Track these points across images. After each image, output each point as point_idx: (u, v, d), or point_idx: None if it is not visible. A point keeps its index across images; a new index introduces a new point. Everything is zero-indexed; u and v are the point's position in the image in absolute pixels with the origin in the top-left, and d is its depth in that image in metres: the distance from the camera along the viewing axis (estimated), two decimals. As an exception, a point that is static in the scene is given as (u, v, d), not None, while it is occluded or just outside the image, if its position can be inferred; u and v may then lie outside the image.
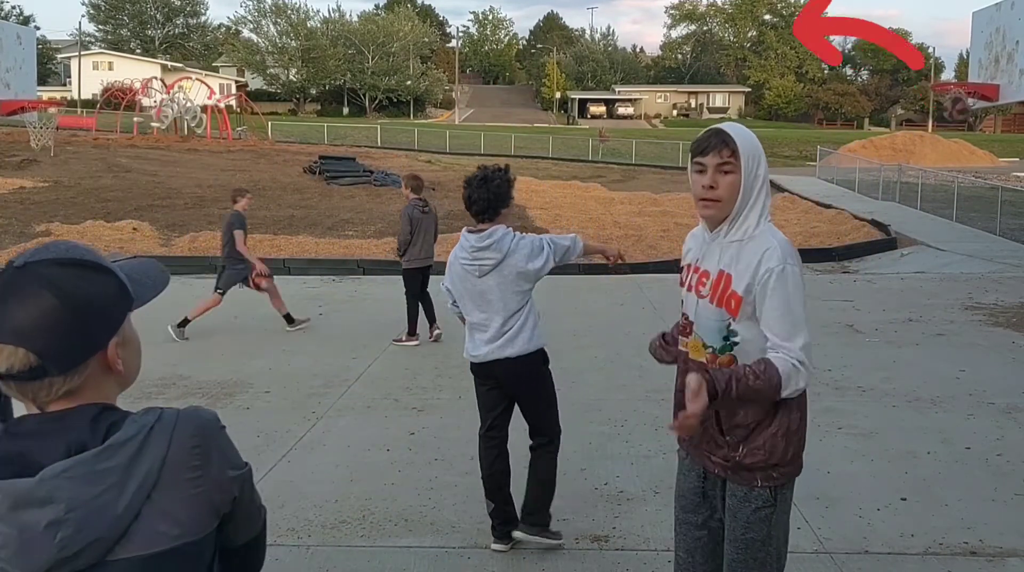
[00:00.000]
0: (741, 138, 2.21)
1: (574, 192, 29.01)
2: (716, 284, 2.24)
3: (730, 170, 2.19)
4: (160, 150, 36.17)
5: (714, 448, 2.30)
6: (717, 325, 2.23)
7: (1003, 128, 71.83)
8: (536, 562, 3.76)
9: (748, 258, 2.19)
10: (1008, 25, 13.58)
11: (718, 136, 2.21)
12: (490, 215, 3.76)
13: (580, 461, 4.93)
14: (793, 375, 2.12)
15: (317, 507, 4.34)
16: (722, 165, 2.19)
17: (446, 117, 77.67)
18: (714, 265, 2.25)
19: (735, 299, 2.19)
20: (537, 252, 3.78)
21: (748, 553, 2.27)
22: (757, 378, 2.09)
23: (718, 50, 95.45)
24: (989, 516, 4.19)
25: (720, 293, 2.22)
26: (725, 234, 2.24)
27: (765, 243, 2.18)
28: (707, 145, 2.21)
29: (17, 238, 16.69)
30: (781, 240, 2.20)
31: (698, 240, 2.38)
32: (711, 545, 2.41)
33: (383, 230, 19.77)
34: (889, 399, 6.26)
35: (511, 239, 3.76)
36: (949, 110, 14.67)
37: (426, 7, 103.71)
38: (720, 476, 2.32)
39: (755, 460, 2.24)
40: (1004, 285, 11.70)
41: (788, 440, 2.25)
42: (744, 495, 2.27)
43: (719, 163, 2.19)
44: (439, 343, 8.28)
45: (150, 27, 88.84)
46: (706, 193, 2.21)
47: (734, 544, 2.29)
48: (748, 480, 2.26)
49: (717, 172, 2.19)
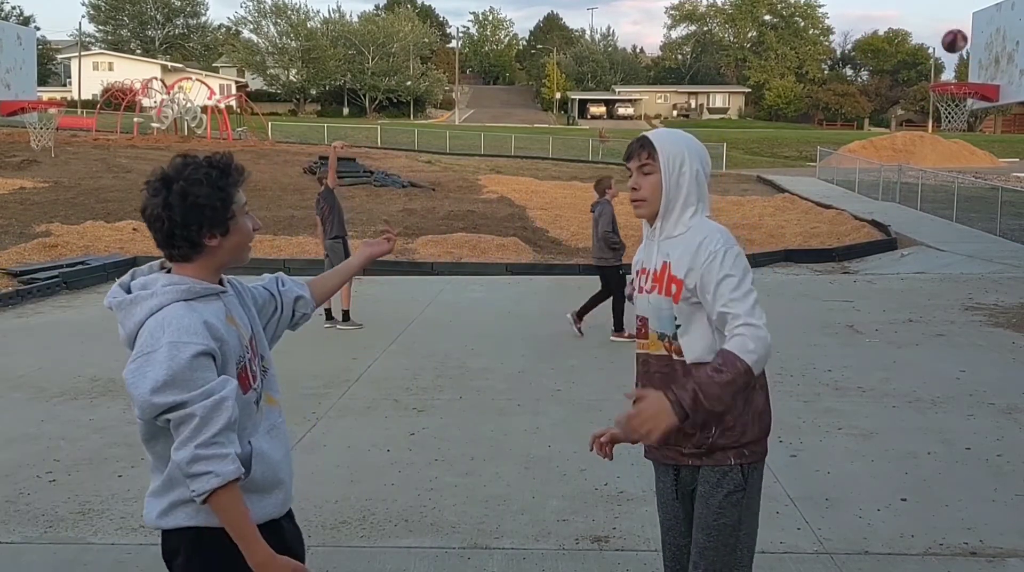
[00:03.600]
0: (661, 141, 2.37)
1: (574, 193, 29.00)
2: (659, 276, 2.36)
3: (650, 171, 2.36)
4: (160, 150, 36.15)
5: (683, 440, 2.33)
6: (667, 313, 2.33)
7: (1003, 128, 71.81)
8: (536, 562, 3.76)
9: (686, 246, 2.30)
10: (1008, 25, 13.58)
11: (638, 142, 2.40)
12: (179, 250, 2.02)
13: (580, 461, 4.93)
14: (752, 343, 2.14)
15: (317, 507, 4.34)
16: (642, 166, 2.37)
17: (446, 118, 77.68)
18: (656, 261, 2.38)
19: (675, 283, 2.30)
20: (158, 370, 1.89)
21: (719, 539, 2.31)
22: (720, 371, 2.12)
23: (718, 50, 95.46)
24: (989, 516, 4.19)
25: (664, 282, 2.34)
26: (660, 231, 2.38)
27: (702, 232, 2.30)
28: (630, 151, 2.40)
29: (17, 238, 16.68)
30: (718, 228, 2.32)
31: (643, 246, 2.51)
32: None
33: (383, 230, 19.77)
34: (889, 399, 6.26)
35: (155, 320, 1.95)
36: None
37: (426, 7, 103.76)
38: (695, 465, 2.36)
39: (728, 440, 2.30)
40: (1004, 285, 11.70)
41: (755, 420, 2.33)
42: (717, 480, 2.31)
43: (639, 166, 2.38)
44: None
45: (150, 27, 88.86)
46: (632, 194, 2.40)
47: (704, 530, 2.33)
48: (721, 460, 2.32)
49: (639, 174, 2.38)
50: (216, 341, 1.96)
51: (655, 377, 2.37)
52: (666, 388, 2.25)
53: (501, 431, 5.61)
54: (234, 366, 2.02)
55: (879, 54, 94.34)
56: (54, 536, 4.08)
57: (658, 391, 2.16)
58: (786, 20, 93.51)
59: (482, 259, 16.52)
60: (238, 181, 2.06)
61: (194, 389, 1.88)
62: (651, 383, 2.36)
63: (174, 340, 1.90)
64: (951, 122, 15.10)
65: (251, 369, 2.08)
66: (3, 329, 9.47)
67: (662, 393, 2.14)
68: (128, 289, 2.04)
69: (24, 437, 5.57)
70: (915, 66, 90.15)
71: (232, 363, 2.01)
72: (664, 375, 2.34)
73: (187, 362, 1.89)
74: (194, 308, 1.97)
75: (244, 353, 2.07)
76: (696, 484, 2.37)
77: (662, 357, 2.36)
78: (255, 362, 2.12)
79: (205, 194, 1.98)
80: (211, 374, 1.93)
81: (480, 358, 7.71)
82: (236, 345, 2.04)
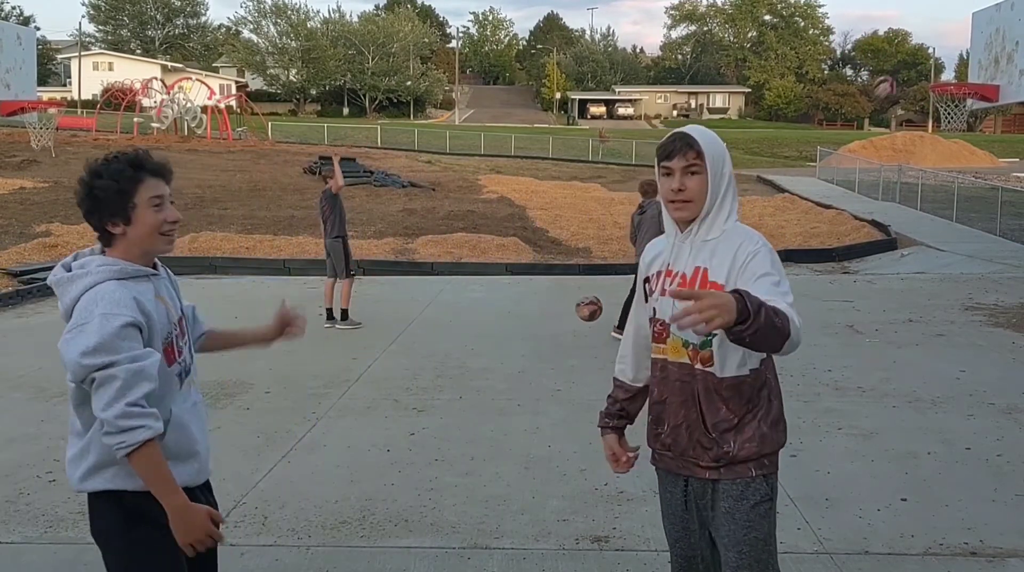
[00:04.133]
0: (705, 140, 2.26)
1: (574, 193, 29.03)
2: (692, 281, 2.24)
3: (697, 171, 2.24)
4: (160, 151, 36.10)
5: (701, 452, 2.25)
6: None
7: (1003, 128, 71.82)
8: (536, 562, 3.76)
9: (724, 252, 2.22)
10: (1008, 26, 13.58)
11: (683, 139, 2.26)
12: (98, 234, 2.23)
13: (580, 461, 4.93)
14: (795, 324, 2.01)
15: (317, 507, 4.34)
16: (688, 167, 2.24)
17: (446, 118, 77.69)
18: (688, 264, 2.27)
19: (716, 289, 2.16)
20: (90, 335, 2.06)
21: (751, 555, 2.22)
22: (776, 315, 1.95)
23: (718, 50, 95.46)
24: (989, 516, 4.19)
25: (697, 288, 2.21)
26: (696, 233, 2.27)
27: (739, 237, 2.23)
28: (672, 149, 2.26)
29: (17, 238, 16.68)
30: (754, 233, 2.27)
31: (664, 245, 2.38)
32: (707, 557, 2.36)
33: (383, 230, 19.77)
34: (889, 399, 6.26)
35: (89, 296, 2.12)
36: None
37: (426, 7, 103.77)
38: (712, 479, 2.26)
39: (749, 452, 2.23)
40: (1004, 285, 11.71)
41: (773, 428, 2.27)
42: (740, 492, 2.23)
43: (685, 166, 2.24)
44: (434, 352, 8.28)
45: (150, 27, 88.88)
46: (676, 195, 2.26)
47: (735, 547, 2.22)
48: (743, 473, 2.23)
49: (684, 174, 2.25)
50: (143, 315, 2.14)
51: (675, 385, 2.27)
52: (685, 398, 2.22)
53: (501, 431, 5.61)
54: (160, 340, 2.20)
55: (879, 54, 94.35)
56: (54, 536, 4.08)
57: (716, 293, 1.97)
58: (786, 20, 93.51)
59: (482, 259, 16.53)
60: (141, 176, 2.19)
61: (121, 354, 2.05)
62: (670, 391, 2.29)
63: (105, 312, 2.08)
64: (951, 122, 15.09)
65: (177, 345, 2.28)
66: (3, 329, 9.47)
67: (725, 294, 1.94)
68: (69, 269, 2.21)
69: (24, 437, 5.57)
70: (915, 66, 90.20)
71: (158, 337, 2.19)
72: (684, 384, 2.25)
73: (116, 331, 2.07)
74: (125, 285, 2.15)
75: (172, 330, 2.26)
76: (708, 497, 2.28)
77: (684, 365, 2.26)
78: (182, 340, 2.32)
79: (102, 186, 2.16)
80: (137, 344, 2.10)
81: (480, 358, 7.71)
82: (164, 321, 2.22)
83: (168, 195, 2.26)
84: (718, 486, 2.25)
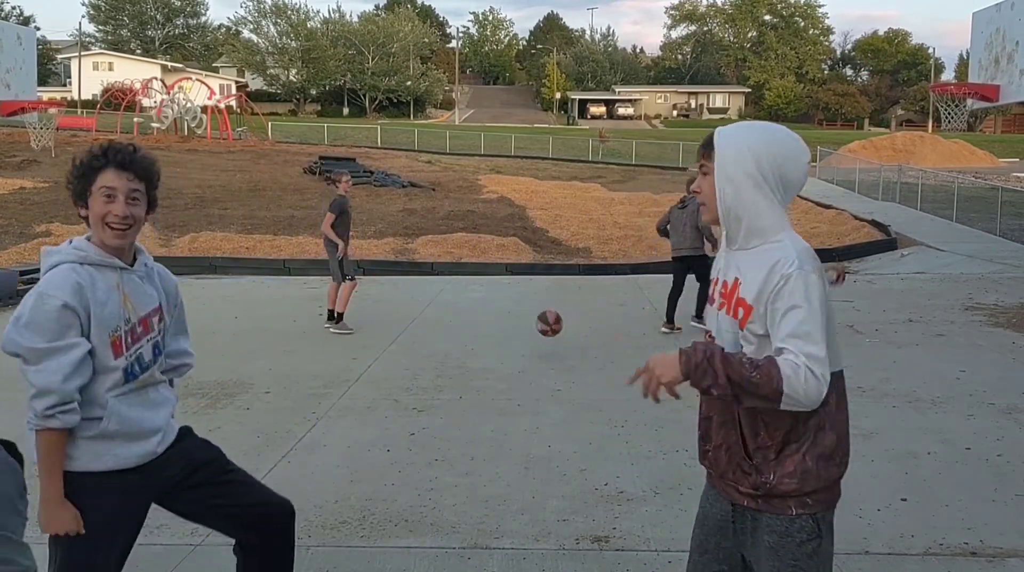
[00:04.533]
0: (721, 138, 2.11)
1: (574, 193, 29.04)
2: (728, 293, 2.12)
3: (707, 171, 2.13)
4: (160, 151, 36.13)
5: (741, 477, 2.09)
6: (730, 335, 2.09)
7: (1003, 128, 71.84)
8: (536, 562, 3.76)
9: (759, 268, 2.03)
10: (1008, 25, 13.58)
11: (706, 137, 2.18)
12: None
13: (580, 461, 4.93)
14: (796, 379, 1.88)
15: (317, 507, 4.34)
16: (701, 167, 2.16)
17: (446, 118, 77.70)
18: (730, 273, 2.15)
19: (743, 307, 2.05)
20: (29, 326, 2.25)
21: None
22: (755, 369, 1.88)
23: (718, 50, 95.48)
24: (989, 516, 4.19)
25: (731, 301, 2.10)
26: (729, 239, 2.15)
27: (781, 251, 2.01)
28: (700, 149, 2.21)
29: (17, 238, 16.68)
30: (801, 248, 2.01)
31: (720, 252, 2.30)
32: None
33: (383, 230, 19.76)
34: (889, 399, 6.26)
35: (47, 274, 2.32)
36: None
37: (426, 8, 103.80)
38: (751, 508, 2.09)
39: (788, 488, 2.04)
40: (1004, 285, 11.71)
41: (821, 465, 2.05)
42: (785, 529, 2.04)
43: (700, 165, 2.17)
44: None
45: (150, 27, 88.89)
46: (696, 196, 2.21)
47: None
48: (781, 508, 2.05)
49: (700, 174, 2.17)
50: (82, 301, 2.25)
51: (717, 402, 2.11)
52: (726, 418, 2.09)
53: (501, 431, 5.61)
54: (105, 331, 2.30)
55: (879, 54, 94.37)
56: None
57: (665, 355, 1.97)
58: (786, 20, 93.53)
59: (482, 259, 16.53)
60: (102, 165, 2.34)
61: (50, 341, 2.20)
62: (714, 408, 2.17)
63: (43, 291, 2.24)
64: (951, 122, 15.09)
65: (127, 341, 2.35)
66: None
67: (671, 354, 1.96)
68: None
69: (23, 438, 5.56)
70: (915, 66, 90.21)
71: (103, 327, 2.29)
72: (727, 403, 2.07)
73: (47, 312, 2.21)
74: (78, 270, 2.28)
75: (122, 325, 2.34)
76: (749, 525, 2.12)
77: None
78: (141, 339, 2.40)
79: (72, 173, 2.37)
80: (68, 329, 2.22)
81: (480, 358, 7.71)
82: (114, 313, 2.31)
83: (127, 190, 2.35)
84: (760, 518, 2.09)
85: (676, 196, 29.49)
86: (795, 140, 2.08)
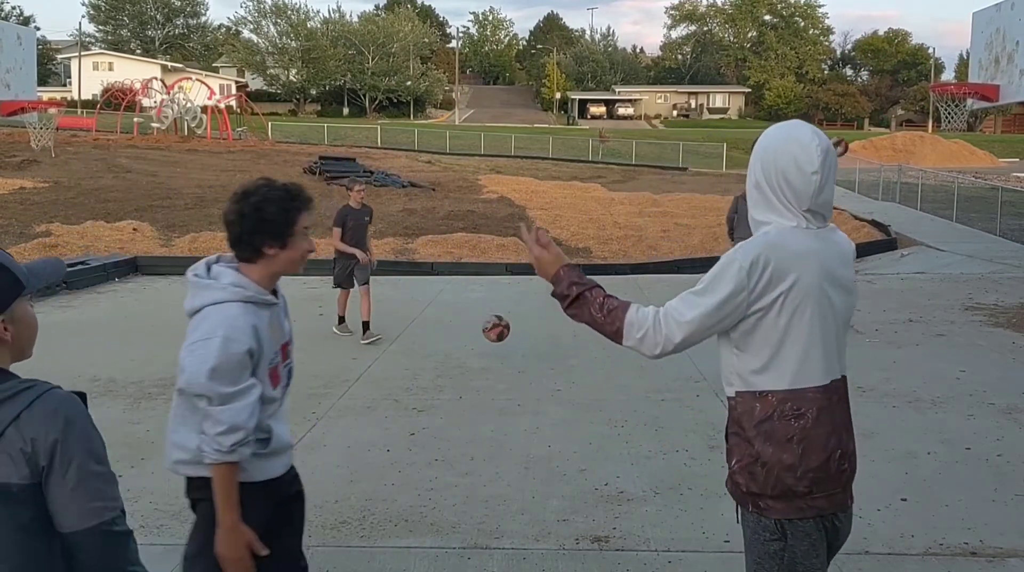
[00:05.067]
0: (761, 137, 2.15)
1: (574, 193, 29.02)
2: None
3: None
4: (160, 150, 36.17)
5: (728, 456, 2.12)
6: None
7: (1003, 128, 71.84)
8: (536, 562, 3.76)
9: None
10: (1008, 25, 13.58)
11: None
12: (243, 252, 2.41)
13: (580, 461, 4.93)
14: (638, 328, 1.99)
15: (317, 507, 4.33)
16: None
17: (446, 118, 77.69)
18: None
19: None
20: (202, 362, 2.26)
21: None
22: (600, 310, 2.06)
23: (718, 50, 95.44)
24: (989, 516, 4.19)
25: None
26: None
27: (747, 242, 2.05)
28: None
29: (17, 238, 16.67)
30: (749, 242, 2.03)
31: None
32: None
33: (383, 230, 19.76)
34: (889, 399, 6.26)
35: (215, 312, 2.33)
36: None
37: (426, 8, 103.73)
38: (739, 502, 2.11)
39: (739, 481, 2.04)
40: (1004, 285, 11.70)
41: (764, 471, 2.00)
42: (754, 523, 2.04)
43: None
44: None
45: (150, 27, 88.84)
46: None
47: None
48: (743, 501, 2.05)
49: None
50: (257, 344, 2.32)
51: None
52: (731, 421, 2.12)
53: (501, 431, 5.61)
54: (266, 367, 2.39)
55: (879, 54, 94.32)
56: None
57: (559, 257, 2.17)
58: (786, 20, 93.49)
59: (482, 259, 16.53)
60: (303, 207, 2.45)
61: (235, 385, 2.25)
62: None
63: (228, 336, 2.27)
64: (951, 122, 15.09)
65: (280, 370, 2.48)
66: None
67: (563, 260, 2.17)
68: (207, 273, 2.41)
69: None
70: (915, 66, 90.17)
71: (265, 364, 2.38)
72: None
73: (233, 357, 2.26)
74: (247, 311, 2.33)
75: (276, 356, 2.45)
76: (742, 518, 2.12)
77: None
78: (284, 364, 2.53)
79: (272, 211, 2.36)
80: (247, 373, 2.29)
81: (480, 358, 7.71)
82: (271, 349, 2.41)
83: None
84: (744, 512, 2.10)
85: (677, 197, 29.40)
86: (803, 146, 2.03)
